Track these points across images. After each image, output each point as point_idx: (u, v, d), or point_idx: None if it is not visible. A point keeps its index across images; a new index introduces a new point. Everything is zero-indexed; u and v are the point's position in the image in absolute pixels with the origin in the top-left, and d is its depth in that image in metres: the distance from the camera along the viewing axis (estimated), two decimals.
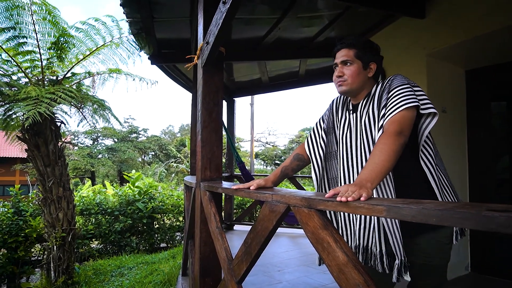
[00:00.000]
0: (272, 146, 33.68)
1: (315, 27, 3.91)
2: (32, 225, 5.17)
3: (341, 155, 1.52)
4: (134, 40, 4.29)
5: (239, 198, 8.13)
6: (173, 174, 25.28)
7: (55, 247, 4.55)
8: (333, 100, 1.71)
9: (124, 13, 3.44)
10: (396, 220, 1.32)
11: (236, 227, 6.06)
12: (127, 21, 3.72)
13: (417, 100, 1.31)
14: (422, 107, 1.33)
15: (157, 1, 3.27)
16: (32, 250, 5.45)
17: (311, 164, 1.65)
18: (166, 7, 3.44)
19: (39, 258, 5.50)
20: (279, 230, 5.63)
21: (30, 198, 5.95)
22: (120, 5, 3.26)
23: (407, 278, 1.31)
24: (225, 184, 1.80)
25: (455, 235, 1.45)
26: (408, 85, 1.36)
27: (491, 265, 3.29)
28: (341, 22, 3.70)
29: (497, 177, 3.44)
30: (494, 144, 3.44)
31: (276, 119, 64.16)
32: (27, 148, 4.66)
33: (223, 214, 6.02)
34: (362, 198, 0.92)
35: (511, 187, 3.43)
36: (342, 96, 1.64)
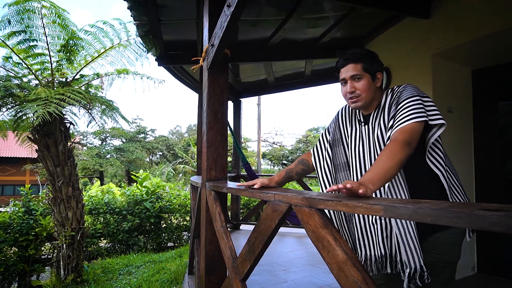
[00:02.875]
0: (279, 146, 33.68)
1: (320, 28, 3.92)
2: (42, 224, 5.27)
3: (354, 167, 1.52)
4: (142, 42, 4.35)
5: (245, 198, 8.17)
6: (180, 174, 25.43)
7: (64, 245, 4.64)
8: (339, 111, 1.70)
9: (131, 16, 3.50)
10: (411, 227, 1.34)
11: (242, 226, 6.10)
12: (134, 24, 3.77)
13: (426, 114, 1.32)
14: (430, 118, 1.34)
15: (164, 4, 3.32)
16: (42, 248, 5.54)
17: (318, 177, 1.66)
18: (172, 10, 3.48)
19: (49, 256, 5.59)
20: (285, 230, 5.68)
21: (40, 198, 6.06)
22: (128, 8, 3.32)
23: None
24: (231, 184, 1.83)
25: (468, 232, 1.46)
26: (418, 97, 1.36)
27: (497, 265, 3.27)
28: (346, 23, 3.71)
29: (506, 178, 3.40)
30: (502, 144, 3.41)
31: (283, 119, 64.22)
32: (37, 148, 4.75)
33: (229, 214, 6.06)
34: (360, 191, 0.96)
35: None
36: (349, 106, 1.64)
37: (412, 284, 1.33)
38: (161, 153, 34.44)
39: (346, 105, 1.68)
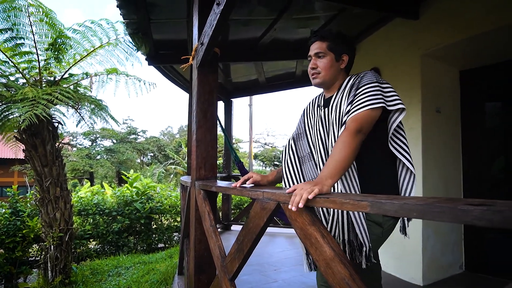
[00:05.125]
0: (271, 147, 33.68)
1: (311, 28, 3.93)
2: (29, 226, 5.17)
3: (317, 153, 1.53)
4: (131, 40, 4.31)
5: (237, 199, 8.15)
6: (172, 175, 25.26)
7: (52, 246, 4.56)
8: (305, 106, 1.73)
9: (121, 14, 3.47)
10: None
11: (233, 227, 6.08)
12: (123, 23, 3.74)
13: (383, 101, 1.34)
14: (389, 104, 1.36)
15: (154, 3, 3.30)
16: (30, 250, 5.45)
17: (283, 172, 1.64)
18: (163, 9, 3.46)
19: (36, 258, 5.50)
20: (276, 230, 5.68)
21: (27, 199, 5.95)
22: (117, 6, 3.28)
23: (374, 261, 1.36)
24: (220, 183, 1.83)
25: (400, 229, 1.43)
26: (377, 83, 1.38)
27: (484, 263, 3.32)
28: (337, 24, 3.73)
29: (492, 178, 3.45)
30: (489, 144, 3.46)
31: (275, 120, 64.24)
32: (24, 148, 4.67)
33: (220, 214, 6.04)
34: (312, 195, 1.00)
35: (506, 187, 3.43)
36: (316, 98, 1.67)
37: (369, 263, 1.35)
38: (152, 154, 34.17)
39: (312, 98, 1.71)
